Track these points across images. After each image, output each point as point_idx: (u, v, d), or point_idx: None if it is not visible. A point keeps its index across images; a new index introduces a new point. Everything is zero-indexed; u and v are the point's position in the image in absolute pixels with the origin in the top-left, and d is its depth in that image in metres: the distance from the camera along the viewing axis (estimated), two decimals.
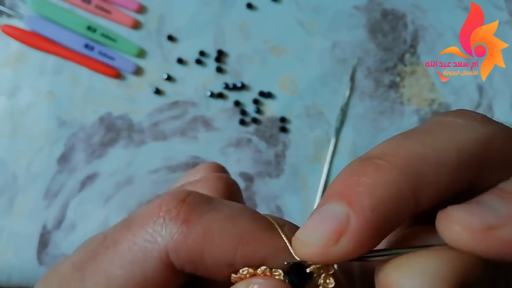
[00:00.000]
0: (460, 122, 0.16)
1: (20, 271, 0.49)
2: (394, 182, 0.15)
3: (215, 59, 0.52)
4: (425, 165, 0.15)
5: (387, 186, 0.15)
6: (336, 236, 0.15)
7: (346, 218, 0.15)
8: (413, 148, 0.16)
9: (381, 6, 0.54)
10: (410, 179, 0.15)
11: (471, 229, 0.14)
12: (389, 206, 0.15)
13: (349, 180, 0.16)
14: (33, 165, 0.51)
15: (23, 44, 0.51)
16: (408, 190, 0.15)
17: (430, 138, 0.16)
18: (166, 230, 0.17)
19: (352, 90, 0.53)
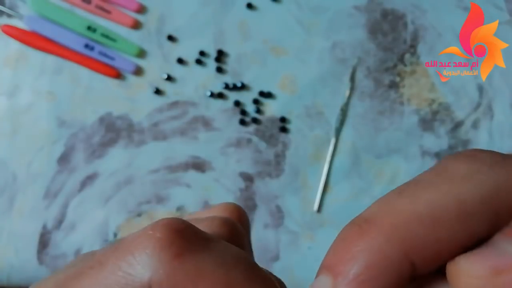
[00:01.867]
0: (463, 169, 0.15)
1: (20, 271, 0.49)
2: (379, 248, 0.14)
3: (215, 59, 0.52)
4: (417, 224, 0.14)
5: (372, 253, 0.14)
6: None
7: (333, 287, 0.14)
8: (404, 206, 0.14)
9: (381, 6, 0.54)
10: (398, 243, 0.14)
11: (479, 277, 0.13)
12: (376, 273, 0.14)
13: (337, 248, 0.15)
14: (33, 165, 0.51)
15: (23, 44, 0.51)
16: (396, 254, 0.14)
17: (425, 192, 0.15)
18: (154, 261, 0.15)
19: (352, 90, 0.53)
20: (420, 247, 0.14)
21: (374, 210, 0.15)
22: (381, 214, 0.15)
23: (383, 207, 0.15)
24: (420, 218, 0.14)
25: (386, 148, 0.52)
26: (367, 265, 0.14)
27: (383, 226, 0.14)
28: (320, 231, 0.52)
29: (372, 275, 0.14)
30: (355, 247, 0.14)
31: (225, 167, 0.52)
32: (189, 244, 0.16)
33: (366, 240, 0.14)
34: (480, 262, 0.13)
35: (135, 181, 0.51)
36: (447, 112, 0.53)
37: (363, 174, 0.52)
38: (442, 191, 0.14)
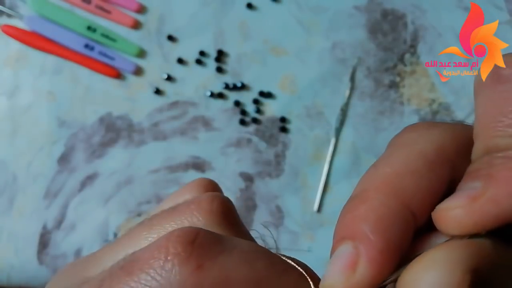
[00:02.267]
0: (412, 135, 0.18)
1: (20, 271, 0.49)
2: (382, 203, 0.16)
3: (215, 59, 0.52)
4: (401, 179, 0.17)
5: (378, 209, 0.16)
6: (352, 267, 0.16)
7: (355, 250, 0.16)
8: (384, 171, 0.17)
9: (381, 6, 0.54)
10: (395, 195, 0.16)
11: (459, 208, 0.15)
12: (387, 225, 0.16)
13: (344, 221, 0.16)
14: (33, 165, 0.51)
15: (23, 44, 0.51)
16: (398, 205, 0.16)
17: (394, 157, 0.18)
18: (176, 277, 0.15)
19: (352, 90, 0.53)
20: (412, 195, 0.16)
21: (361, 185, 0.17)
22: (370, 182, 0.17)
23: (368, 179, 0.17)
24: (400, 175, 0.17)
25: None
26: (376, 219, 0.16)
27: (377, 188, 0.17)
28: (320, 231, 0.52)
29: (384, 226, 0.16)
30: (360, 211, 0.16)
31: (225, 167, 0.52)
32: (207, 252, 0.16)
33: (368, 202, 0.16)
34: (456, 198, 0.16)
35: (135, 181, 0.51)
36: (447, 112, 0.53)
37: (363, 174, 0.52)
38: (406, 152, 0.17)
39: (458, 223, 0.15)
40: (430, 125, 0.18)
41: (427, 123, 0.19)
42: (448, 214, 0.16)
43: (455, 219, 0.15)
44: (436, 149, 0.17)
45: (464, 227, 0.15)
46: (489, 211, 0.15)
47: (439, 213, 0.16)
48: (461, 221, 0.15)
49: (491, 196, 0.15)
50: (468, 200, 0.15)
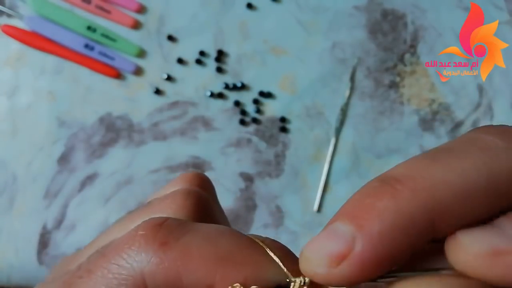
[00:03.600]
0: (500, 145, 0.14)
1: (20, 271, 0.49)
2: (409, 211, 0.14)
3: (215, 59, 0.52)
4: (449, 193, 0.14)
5: (401, 215, 0.14)
6: (338, 258, 0.14)
7: (351, 240, 0.14)
8: (438, 173, 0.14)
9: (381, 6, 0.54)
10: (428, 209, 0.14)
11: (478, 255, 0.13)
12: (400, 235, 0.14)
13: (363, 202, 0.15)
14: (33, 165, 0.51)
15: (23, 44, 0.51)
16: (424, 220, 0.14)
17: (460, 161, 0.14)
18: (142, 254, 0.16)
19: (352, 90, 0.53)
20: (447, 216, 0.14)
21: (405, 172, 0.15)
22: (415, 176, 0.14)
23: (416, 171, 0.15)
24: (451, 188, 0.14)
25: (386, 148, 0.52)
26: (393, 226, 0.14)
27: (416, 190, 0.14)
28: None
29: (395, 236, 0.14)
30: (383, 205, 0.14)
31: (225, 167, 0.52)
32: (171, 232, 0.16)
33: (397, 200, 0.14)
34: (481, 240, 0.13)
35: (135, 181, 0.51)
36: (447, 112, 0.53)
37: (363, 174, 0.52)
38: (476, 163, 0.14)
39: (469, 269, 0.14)
40: (497, 128, 0.15)
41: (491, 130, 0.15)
42: (463, 255, 0.14)
43: (468, 263, 0.14)
44: (507, 174, 0.14)
45: (473, 274, 0.14)
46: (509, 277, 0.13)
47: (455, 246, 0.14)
48: (473, 269, 0.14)
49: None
50: (490, 251, 0.13)
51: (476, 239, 0.14)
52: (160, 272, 0.16)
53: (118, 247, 0.16)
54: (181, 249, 0.16)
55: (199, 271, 0.16)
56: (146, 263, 0.16)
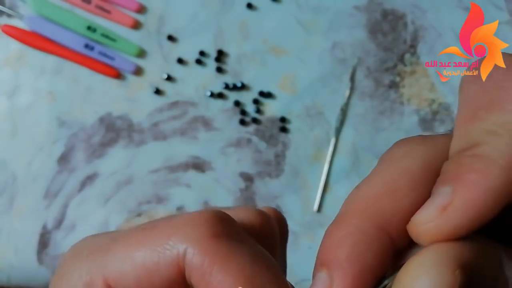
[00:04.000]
0: (399, 152, 0.18)
1: (20, 271, 0.49)
2: (357, 229, 0.16)
3: (215, 59, 0.52)
4: (379, 201, 0.16)
5: (353, 235, 0.16)
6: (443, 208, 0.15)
7: (329, 278, 0.16)
8: (365, 192, 0.17)
9: (381, 6, 0.54)
10: (371, 219, 0.16)
11: (430, 222, 0.15)
12: (362, 251, 0.16)
13: (323, 247, 0.17)
14: (33, 165, 0.51)
15: (23, 44, 0.51)
16: (373, 229, 0.16)
17: (377, 177, 0.17)
18: (194, 234, 0.17)
19: (352, 90, 0.53)
20: (388, 217, 0.16)
21: (343, 206, 0.17)
22: (349, 205, 0.17)
23: (348, 201, 0.17)
24: (379, 195, 0.16)
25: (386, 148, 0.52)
26: (351, 246, 0.16)
27: (353, 212, 0.17)
28: (320, 231, 0.52)
29: (358, 252, 0.16)
30: (337, 237, 0.16)
31: (225, 167, 0.52)
32: (227, 230, 0.17)
33: (344, 227, 0.16)
34: (426, 209, 0.16)
35: (135, 181, 0.51)
36: (447, 112, 0.53)
37: (363, 174, 0.52)
38: (391, 171, 0.17)
39: (431, 236, 0.15)
40: (420, 140, 0.18)
41: (418, 138, 0.18)
42: (421, 229, 0.16)
43: (428, 233, 0.15)
44: (422, 166, 0.17)
45: (438, 239, 0.15)
46: (458, 221, 0.15)
47: (413, 228, 0.16)
48: (434, 234, 0.15)
49: (458, 205, 0.15)
50: (437, 211, 0.15)
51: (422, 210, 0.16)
52: (198, 258, 0.17)
53: (183, 218, 0.18)
54: (226, 249, 0.17)
55: (227, 279, 0.16)
56: (192, 243, 0.17)
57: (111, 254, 0.18)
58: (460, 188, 0.15)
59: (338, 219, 0.17)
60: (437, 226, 0.15)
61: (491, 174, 0.15)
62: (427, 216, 0.16)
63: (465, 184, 0.15)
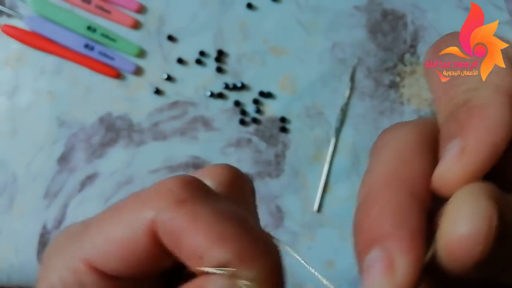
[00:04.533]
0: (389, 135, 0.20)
1: (20, 271, 0.49)
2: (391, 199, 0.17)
3: (215, 59, 0.52)
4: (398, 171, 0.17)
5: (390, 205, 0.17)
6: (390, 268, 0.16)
7: (386, 252, 0.16)
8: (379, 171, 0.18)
9: (381, 6, 0.54)
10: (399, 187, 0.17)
11: (451, 169, 0.16)
12: (405, 216, 0.16)
13: (363, 229, 0.17)
14: (33, 165, 0.51)
15: (23, 44, 0.51)
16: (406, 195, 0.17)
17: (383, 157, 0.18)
18: (160, 204, 0.18)
19: (352, 90, 0.53)
20: (411, 183, 0.17)
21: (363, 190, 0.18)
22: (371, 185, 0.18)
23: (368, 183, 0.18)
24: (395, 168, 0.17)
25: None
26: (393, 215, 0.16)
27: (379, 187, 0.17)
28: (320, 231, 0.52)
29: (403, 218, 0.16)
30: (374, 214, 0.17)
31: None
32: (192, 194, 0.18)
33: (378, 203, 0.17)
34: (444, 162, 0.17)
35: (135, 181, 0.51)
36: None
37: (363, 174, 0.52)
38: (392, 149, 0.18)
39: (457, 182, 0.16)
40: (401, 124, 0.20)
41: (397, 123, 0.20)
42: (444, 180, 0.16)
43: (451, 181, 0.16)
44: (415, 139, 0.18)
45: (464, 182, 0.16)
46: (478, 158, 0.16)
47: (437, 183, 0.17)
48: (459, 179, 0.16)
49: (472, 147, 0.16)
50: (455, 158, 0.16)
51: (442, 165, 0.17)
52: (168, 225, 0.17)
53: (148, 191, 0.19)
54: (192, 213, 0.17)
55: (197, 240, 0.17)
56: (159, 212, 0.17)
57: (88, 238, 0.19)
58: (469, 134, 0.16)
59: (365, 200, 0.17)
60: (458, 172, 0.16)
61: (491, 114, 0.16)
62: (446, 167, 0.16)
63: (471, 129, 0.16)
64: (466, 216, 0.15)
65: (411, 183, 0.17)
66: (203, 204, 0.17)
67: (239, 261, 0.17)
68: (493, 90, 0.17)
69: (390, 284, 0.16)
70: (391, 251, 0.16)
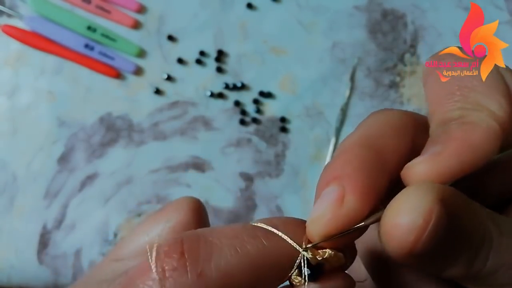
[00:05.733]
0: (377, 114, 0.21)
1: (20, 271, 0.49)
2: (360, 152, 0.18)
3: (215, 59, 0.52)
4: (373, 138, 0.19)
5: (357, 155, 0.18)
6: (339, 200, 0.17)
7: (341, 188, 0.18)
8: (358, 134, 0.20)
9: (381, 6, 0.54)
10: (370, 147, 0.19)
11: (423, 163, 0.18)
12: (367, 167, 0.18)
13: (328, 171, 0.19)
14: (33, 165, 0.51)
15: (23, 44, 0.51)
16: (373, 154, 0.18)
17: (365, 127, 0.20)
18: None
19: (352, 90, 0.53)
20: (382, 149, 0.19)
21: (339, 147, 0.20)
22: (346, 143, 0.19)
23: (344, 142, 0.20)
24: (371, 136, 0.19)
25: None
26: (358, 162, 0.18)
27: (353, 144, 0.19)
28: None
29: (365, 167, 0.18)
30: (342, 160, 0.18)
31: (225, 167, 0.52)
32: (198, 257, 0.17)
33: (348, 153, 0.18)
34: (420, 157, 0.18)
35: (135, 181, 0.51)
36: None
37: None
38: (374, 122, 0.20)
39: (421, 175, 0.17)
40: (390, 108, 0.22)
41: (387, 108, 0.22)
42: (415, 169, 0.18)
43: (420, 172, 0.18)
44: (398, 121, 0.20)
45: (427, 179, 0.17)
46: (450, 164, 0.17)
47: (407, 170, 0.18)
48: (426, 173, 0.17)
49: (449, 152, 0.17)
50: (430, 157, 0.18)
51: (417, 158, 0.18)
52: None
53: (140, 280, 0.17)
54: (219, 274, 0.16)
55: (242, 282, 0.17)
56: None
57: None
58: (451, 142, 0.18)
59: (338, 153, 0.19)
60: (430, 167, 0.17)
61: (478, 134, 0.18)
62: (418, 160, 0.18)
63: (455, 139, 0.18)
64: (406, 208, 0.16)
65: (383, 150, 0.19)
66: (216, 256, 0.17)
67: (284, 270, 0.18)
68: (488, 115, 0.18)
69: (334, 214, 0.17)
70: (345, 188, 0.17)
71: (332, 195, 0.18)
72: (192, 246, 0.17)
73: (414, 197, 0.16)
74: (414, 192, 0.17)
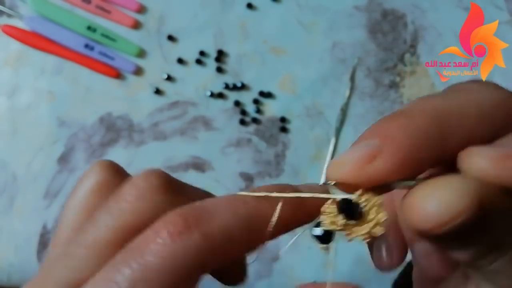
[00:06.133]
0: (476, 87, 0.18)
1: (20, 270, 0.49)
2: (424, 125, 0.17)
3: (215, 59, 0.52)
4: (450, 115, 0.17)
5: (418, 127, 0.17)
6: (370, 158, 0.17)
7: (379, 147, 0.17)
8: (438, 102, 0.18)
9: (381, 6, 0.54)
10: (437, 124, 0.17)
11: (491, 157, 0.16)
12: (418, 143, 0.17)
13: (382, 124, 0.17)
14: (33, 165, 0.51)
15: (23, 44, 0.51)
16: (435, 133, 0.17)
17: (452, 96, 0.18)
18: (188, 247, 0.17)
19: (352, 90, 0.53)
20: (451, 132, 0.17)
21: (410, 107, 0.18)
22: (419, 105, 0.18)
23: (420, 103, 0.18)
24: (451, 111, 0.17)
25: None
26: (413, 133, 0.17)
27: (424, 111, 0.17)
28: None
29: (415, 143, 0.17)
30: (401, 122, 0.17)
31: (225, 167, 0.52)
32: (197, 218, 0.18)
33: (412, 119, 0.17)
34: (491, 149, 0.16)
35: None
36: None
37: None
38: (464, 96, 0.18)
39: (481, 171, 0.16)
40: (497, 86, 0.19)
41: (496, 84, 0.19)
42: (476, 160, 0.16)
43: (481, 167, 0.16)
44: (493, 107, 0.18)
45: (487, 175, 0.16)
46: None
47: (467, 155, 0.16)
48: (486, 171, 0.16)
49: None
50: (502, 157, 0.16)
51: (487, 148, 0.16)
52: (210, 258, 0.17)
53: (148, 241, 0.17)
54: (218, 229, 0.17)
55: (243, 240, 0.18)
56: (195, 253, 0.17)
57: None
58: None
59: (405, 111, 0.18)
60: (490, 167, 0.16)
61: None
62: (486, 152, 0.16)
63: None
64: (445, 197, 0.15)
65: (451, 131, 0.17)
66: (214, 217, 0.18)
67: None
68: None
69: (356, 167, 0.17)
70: (383, 151, 0.16)
71: (366, 150, 0.17)
72: (193, 213, 0.18)
73: (457, 190, 0.15)
74: (460, 185, 0.16)
